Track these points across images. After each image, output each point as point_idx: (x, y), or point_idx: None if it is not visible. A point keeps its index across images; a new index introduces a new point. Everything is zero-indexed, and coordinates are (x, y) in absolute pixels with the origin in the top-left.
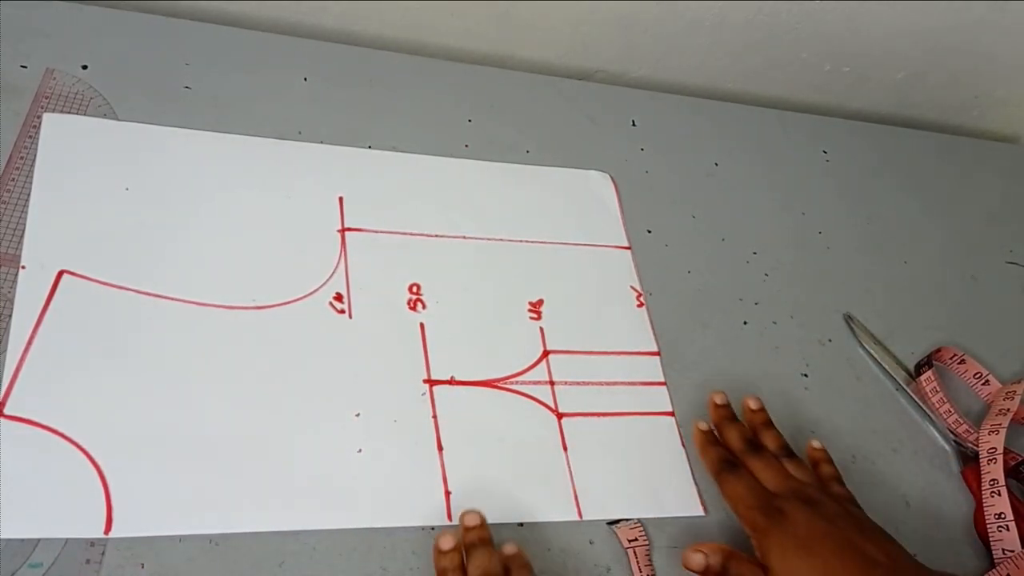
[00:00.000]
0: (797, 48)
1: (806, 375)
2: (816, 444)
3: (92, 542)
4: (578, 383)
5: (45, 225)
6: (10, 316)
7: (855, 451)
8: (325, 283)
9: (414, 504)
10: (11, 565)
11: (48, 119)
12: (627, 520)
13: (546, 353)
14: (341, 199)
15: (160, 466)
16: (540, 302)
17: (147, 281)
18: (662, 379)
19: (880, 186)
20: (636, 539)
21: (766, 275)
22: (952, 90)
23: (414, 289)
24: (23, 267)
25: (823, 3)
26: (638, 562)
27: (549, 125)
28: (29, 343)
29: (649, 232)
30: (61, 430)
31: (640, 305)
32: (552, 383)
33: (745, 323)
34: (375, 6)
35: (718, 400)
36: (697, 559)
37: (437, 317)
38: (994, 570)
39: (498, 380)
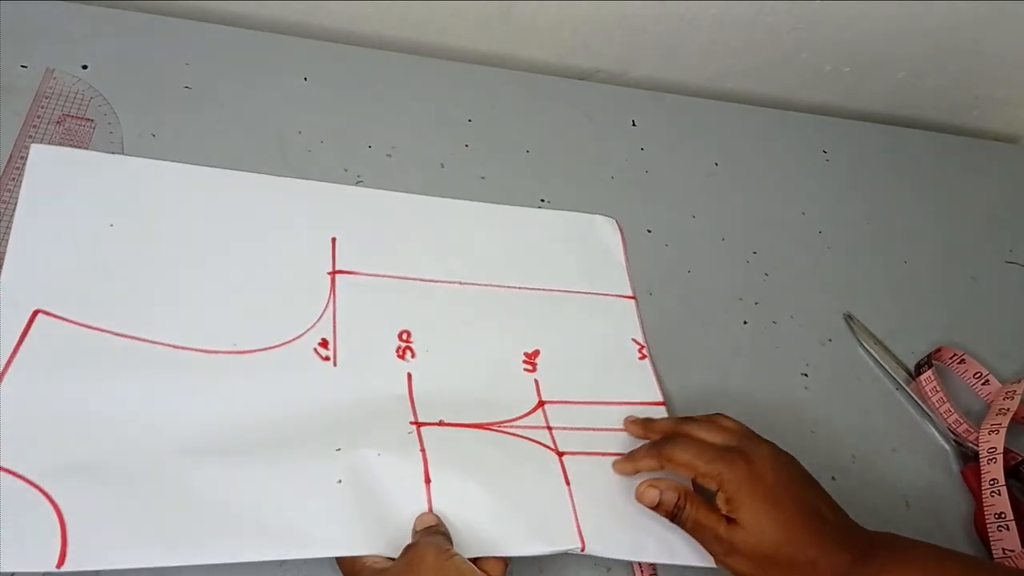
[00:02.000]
0: (797, 48)
1: (806, 375)
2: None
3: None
4: (578, 428)
5: (23, 261)
6: None
7: (855, 451)
8: (311, 328)
9: (396, 534)
10: None
11: (35, 150)
12: None
13: (541, 403)
14: (334, 240)
15: (124, 504)
16: (536, 353)
17: (125, 322)
18: None
19: (880, 186)
20: None
21: (766, 275)
22: (952, 90)
23: (404, 336)
24: None
25: (823, 3)
26: (641, 570)
27: (549, 125)
28: None
29: (649, 232)
30: (24, 474)
31: (643, 358)
32: (550, 428)
33: (745, 323)
34: (375, 6)
35: (629, 418)
36: (651, 494)
37: (426, 367)
38: None
39: (491, 424)
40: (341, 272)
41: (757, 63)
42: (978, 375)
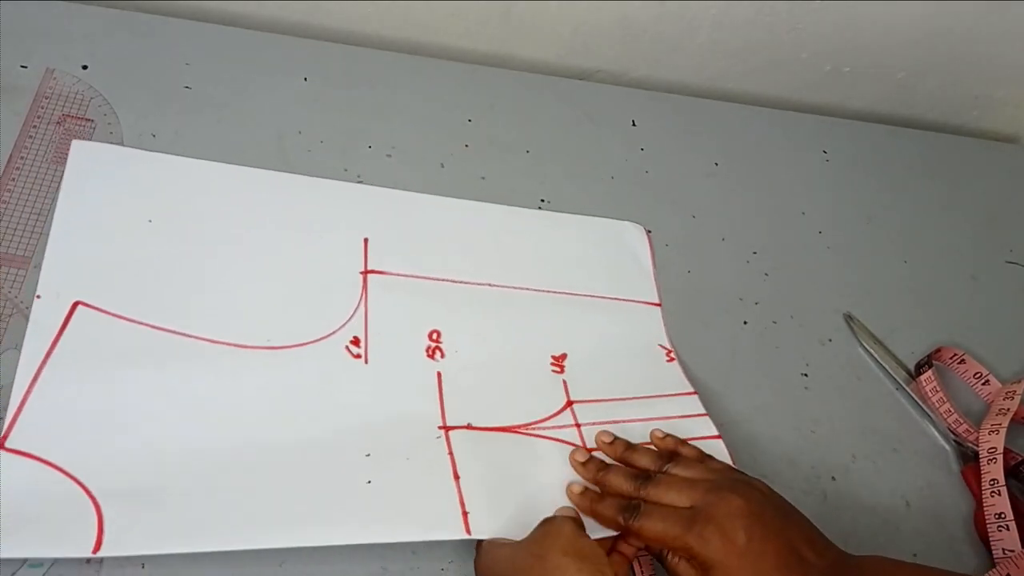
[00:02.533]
0: (797, 48)
1: (806, 375)
2: (659, 434)
3: None
4: (609, 421)
5: (64, 254)
6: (10, 316)
7: (855, 451)
8: (343, 326)
9: (429, 522)
10: (11, 566)
11: (76, 146)
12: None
13: (569, 403)
14: (366, 240)
15: (158, 494)
16: (564, 356)
17: (162, 316)
18: (703, 411)
19: (880, 186)
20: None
21: (766, 275)
22: (952, 90)
23: (434, 336)
24: (38, 296)
25: (823, 3)
26: (641, 569)
27: (549, 125)
28: (37, 375)
29: (649, 232)
30: (62, 466)
31: (670, 360)
32: (578, 425)
33: (745, 323)
34: (375, 6)
35: (580, 457)
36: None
37: (455, 367)
38: (994, 570)
39: (519, 426)
40: (373, 272)
41: (757, 63)
42: (978, 375)
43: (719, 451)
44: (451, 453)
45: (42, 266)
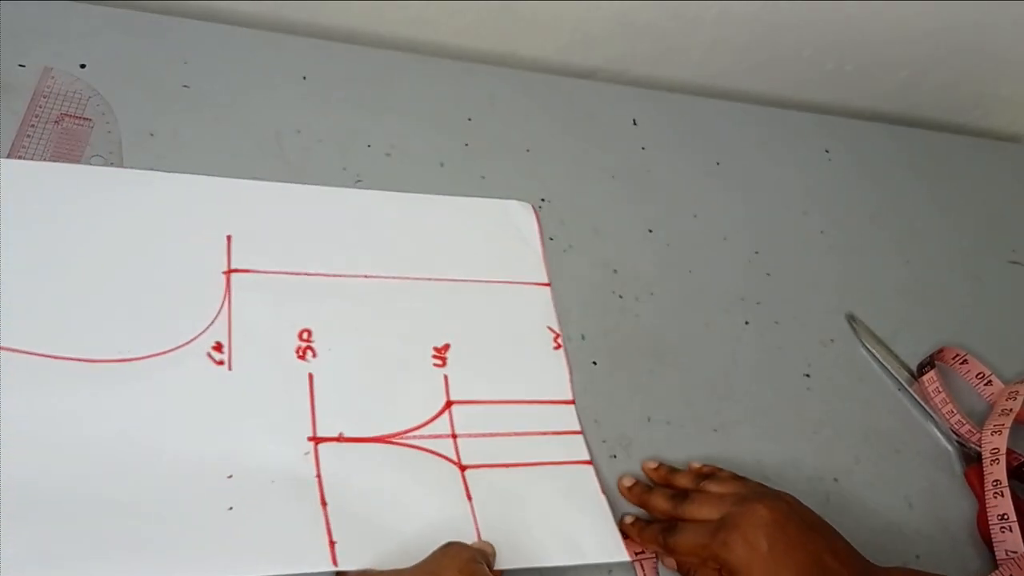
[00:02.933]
0: (799, 47)
1: (808, 375)
2: (696, 464)
3: None
4: (484, 435)
5: None
6: None
7: (858, 451)
8: (204, 331)
9: (294, 553)
10: None
11: None
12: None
13: (449, 404)
14: (229, 237)
15: (12, 533)
16: (446, 347)
17: (1, 334)
18: (578, 428)
19: (883, 186)
20: (643, 551)
21: (768, 275)
22: (955, 89)
23: (304, 335)
24: None
25: (825, 2)
26: (644, 572)
27: (549, 125)
28: None
29: (650, 231)
30: None
31: (558, 347)
32: (455, 436)
33: (747, 323)
34: (375, 6)
35: (627, 483)
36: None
37: (328, 366)
38: (997, 571)
39: (393, 435)
40: (237, 271)
41: (758, 62)
42: (981, 375)
43: (587, 477)
44: (319, 476)
45: None
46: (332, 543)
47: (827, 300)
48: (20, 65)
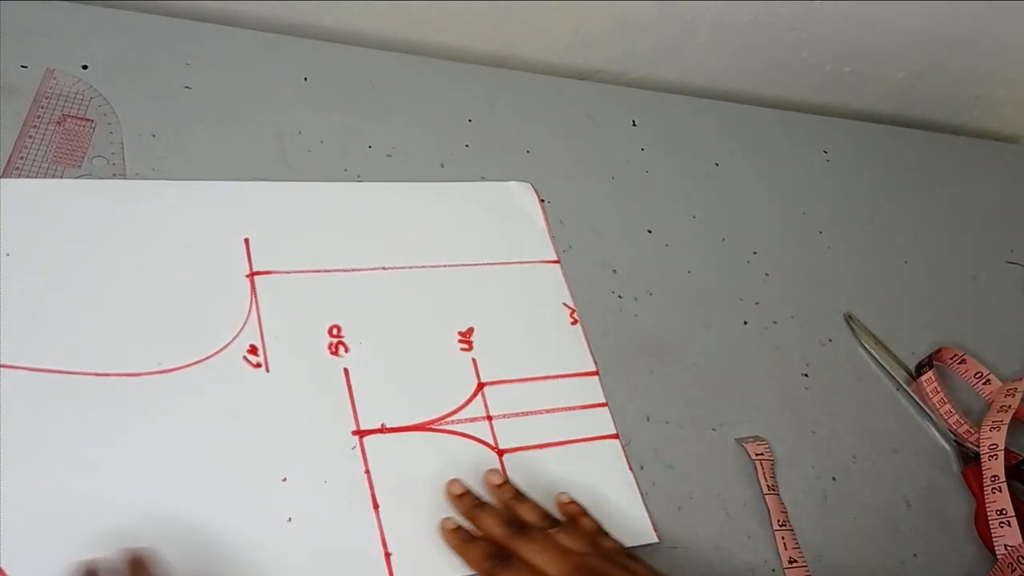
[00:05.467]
0: (797, 48)
1: (806, 375)
2: (565, 498)
3: None
4: (517, 414)
5: None
6: None
7: (856, 451)
8: (237, 336)
9: (352, 571)
10: None
11: None
12: (754, 437)
13: (480, 386)
14: (247, 241)
15: (65, 559)
16: (470, 331)
17: (39, 356)
18: (603, 400)
19: (881, 186)
20: (762, 453)
21: (766, 275)
22: (953, 90)
23: (334, 331)
24: None
25: (824, 3)
26: (763, 472)
27: (549, 125)
28: None
29: (650, 232)
30: None
31: (574, 323)
32: (490, 418)
33: (745, 323)
34: (375, 6)
35: (456, 490)
36: None
37: (361, 360)
38: (996, 567)
39: (432, 422)
40: (259, 273)
41: (757, 63)
42: (979, 375)
43: (615, 452)
44: (368, 471)
45: None
46: (388, 555)
47: (825, 300)
48: (22, 66)
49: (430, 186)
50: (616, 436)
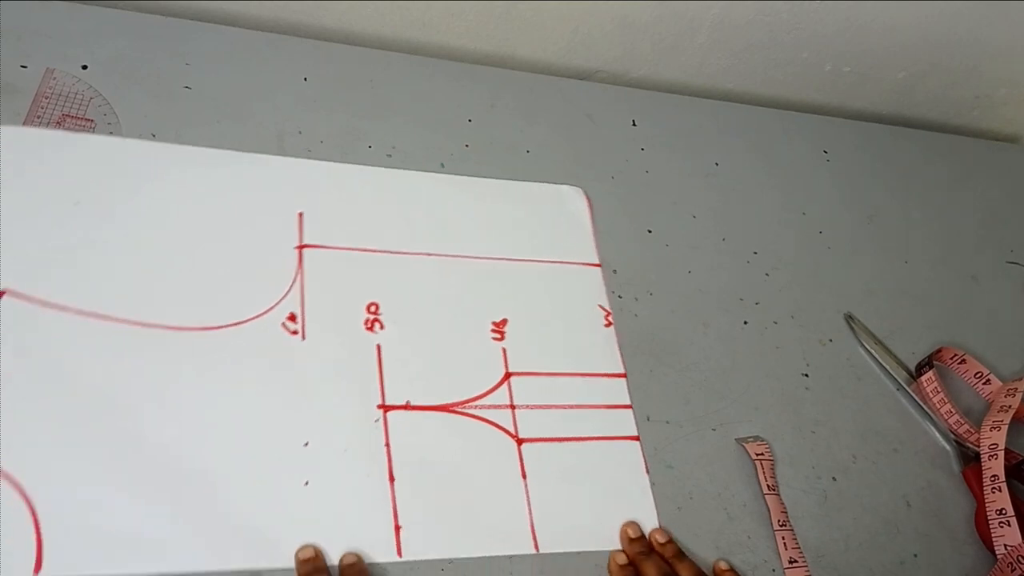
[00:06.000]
0: (797, 48)
1: (807, 375)
2: (723, 566)
3: None
4: (540, 406)
5: None
6: None
7: (856, 451)
8: (279, 303)
9: (362, 540)
10: None
11: (4, 132)
12: (754, 437)
13: (508, 375)
14: (301, 215)
15: (96, 500)
16: (504, 322)
17: (92, 300)
18: (628, 402)
19: (881, 186)
20: (762, 453)
21: (767, 275)
22: (953, 90)
23: (372, 308)
24: None
25: (824, 3)
26: (764, 472)
27: (549, 125)
28: None
29: (649, 232)
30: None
31: (608, 325)
32: (513, 407)
33: (745, 323)
34: (375, 6)
35: (632, 533)
36: None
37: (395, 338)
38: (996, 567)
39: (456, 404)
40: (308, 246)
41: (757, 63)
42: (979, 375)
43: (634, 454)
44: (388, 444)
45: None
46: (397, 528)
47: (825, 300)
48: (22, 66)
49: (482, 181)
50: (637, 438)
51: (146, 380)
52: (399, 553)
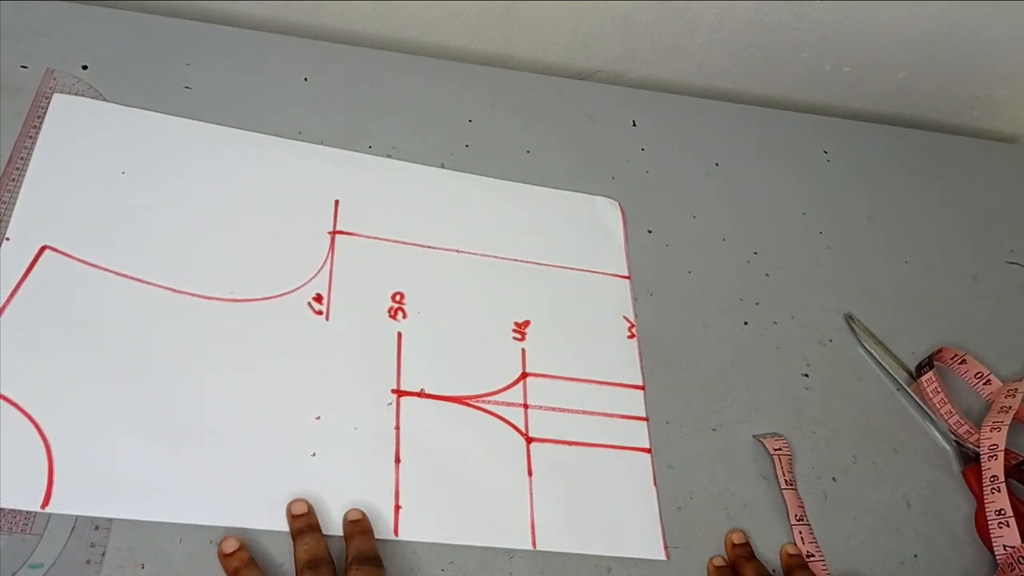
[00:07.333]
0: (798, 48)
1: (807, 375)
2: (791, 550)
3: (92, 543)
4: (554, 409)
5: (36, 200)
6: None
7: (856, 451)
8: (307, 283)
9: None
10: (11, 566)
11: (57, 99)
12: (771, 433)
13: (524, 375)
14: (337, 202)
15: (109, 445)
16: (526, 323)
17: (127, 263)
18: (644, 414)
19: (881, 186)
20: (780, 448)
21: (767, 275)
22: (953, 90)
23: (397, 297)
24: (7, 239)
25: (824, 3)
26: (782, 467)
27: (549, 125)
28: None
29: (649, 232)
30: (16, 400)
31: (631, 336)
32: (526, 406)
33: (746, 323)
34: (375, 6)
35: (736, 539)
36: None
37: (416, 327)
38: (999, 571)
39: (469, 397)
40: (341, 232)
41: (757, 63)
42: (979, 375)
43: (644, 466)
44: (398, 428)
45: (13, 211)
46: (397, 508)
47: (825, 300)
48: (22, 66)
49: (518, 186)
50: (648, 451)
51: (172, 341)
52: (396, 532)
